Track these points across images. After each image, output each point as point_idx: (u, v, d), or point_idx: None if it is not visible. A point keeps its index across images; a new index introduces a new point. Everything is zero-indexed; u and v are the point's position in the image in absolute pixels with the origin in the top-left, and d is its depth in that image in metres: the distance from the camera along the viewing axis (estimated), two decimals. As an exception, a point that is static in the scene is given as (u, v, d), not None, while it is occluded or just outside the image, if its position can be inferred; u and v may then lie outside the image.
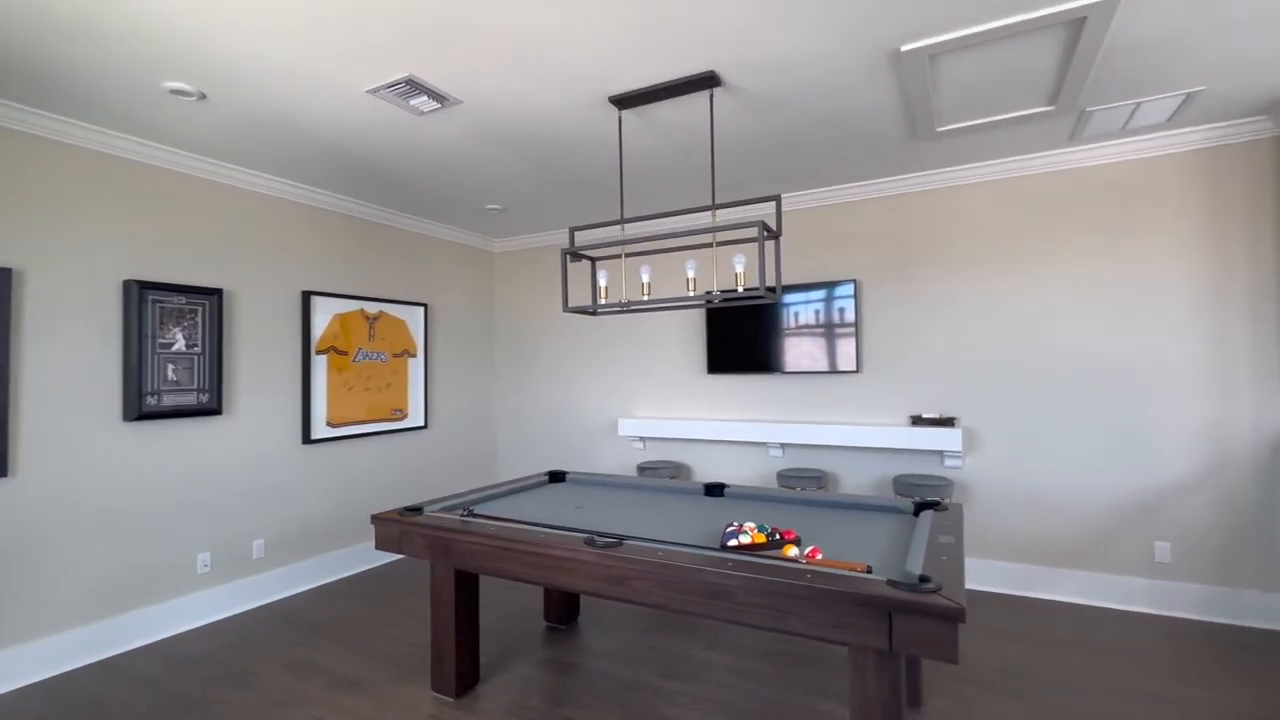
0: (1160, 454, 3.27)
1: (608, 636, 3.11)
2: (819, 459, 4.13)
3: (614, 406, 4.92)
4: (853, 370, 3.96)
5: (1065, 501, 3.48)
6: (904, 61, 2.38)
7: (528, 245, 5.33)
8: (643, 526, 2.45)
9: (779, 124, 2.99)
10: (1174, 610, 3.23)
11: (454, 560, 2.41)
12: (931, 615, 1.53)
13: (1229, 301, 3.16)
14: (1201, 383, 3.20)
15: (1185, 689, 2.52)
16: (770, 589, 1.75)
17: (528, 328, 5.37)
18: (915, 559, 1.85)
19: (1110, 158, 3.36)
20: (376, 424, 4.42)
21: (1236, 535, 3.13)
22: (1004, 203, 3.63)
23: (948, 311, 3.77)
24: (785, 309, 4.17)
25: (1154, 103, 2.82)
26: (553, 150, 3.29)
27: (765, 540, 2.09)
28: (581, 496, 3.04)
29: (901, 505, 2.63)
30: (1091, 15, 2.09)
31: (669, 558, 1.93)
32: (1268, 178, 3.09)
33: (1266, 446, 3.08)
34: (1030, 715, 2.36)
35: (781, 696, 2.52)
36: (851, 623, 1.64)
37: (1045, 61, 2.43)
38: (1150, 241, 3.30)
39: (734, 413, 4.43)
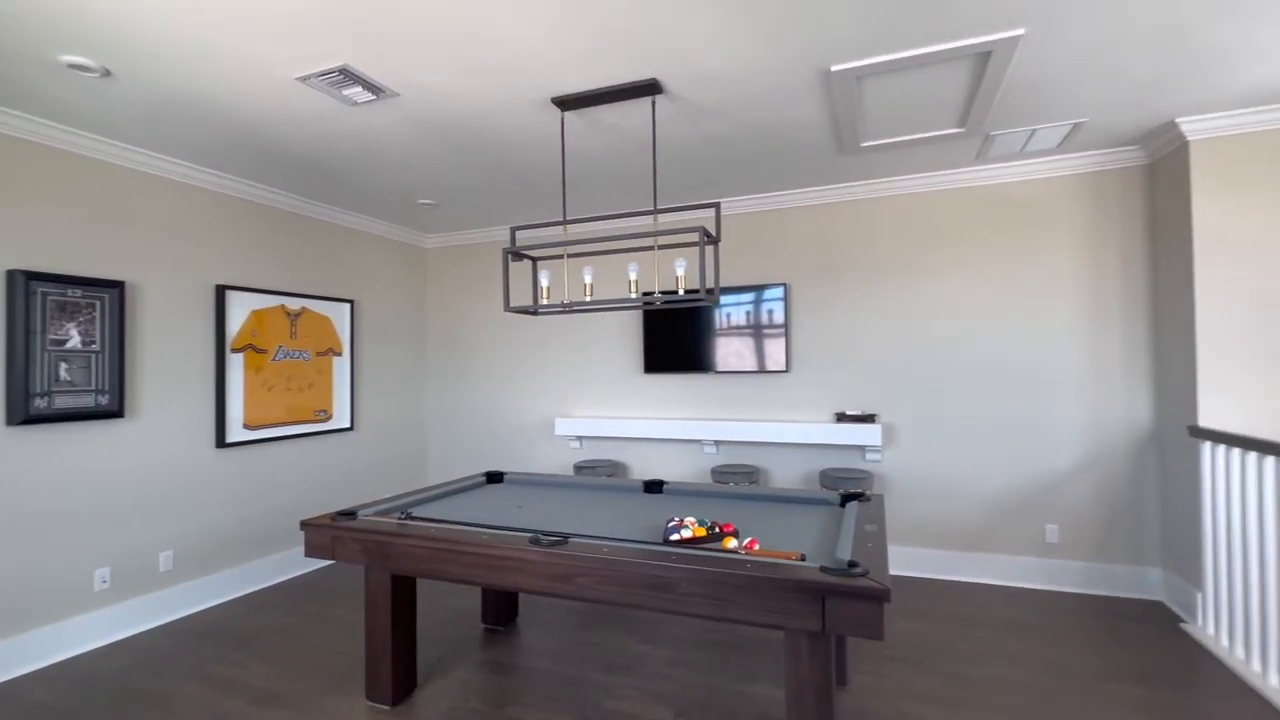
0: (1050, 446, 3.64)
1: (547, 635, 3.12)
2: (751, 455, 4.30)
3: (551, 406, 4.91)
4: (782, 370, 4.14)
5: (971, 491, 3.80)
6: (834, 81, 2.53)
7: (462, 242, 5.22)
8: (586, 524, 2.48)
9: (717, 133, 3.10)
10: (1062, 585, 3.60)
11: (392, 564, 2.35)
12: (861, 597, 1.65)
13: (1106, 311, 3.55)
14: (1084, 384, 3.58)
15: (1071, 654, 2.83)
16: (712, 579, 1.83)
17: (462, 326, 5.26)
18: (844, 546, 1.99)
19: (1011, 177, 3.70)
20: (298, 426, 4.20)
21: (1113, 517, 3.53)
22: (920, 215, 3.91)
23: (870, 315, 4.03)
24: (718, 311, 4.31)
25: (1047, 130, 3.13)
26: (493, 148, 3.26)
27: (706, 533, 2.18)
28: (521, 496, 3.03)
29: (829, 497, 2.79)
30: (996, 51, 2.31)
31: (614, 553, 1.98)
32: (1138, 201, 3.49)
33: (1136, 439, 3.49)
34: (943, 686, 2.57)
35: (716, 683, 2.62)
36: (788, 608, 1.75)
37: (957, 89, 2.66)
38: (1044, 255, 3.66)
39: (670, 411, 4.53)
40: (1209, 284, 3.03)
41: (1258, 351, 2.96)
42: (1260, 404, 2.95)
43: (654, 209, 2.57)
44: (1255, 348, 2.96)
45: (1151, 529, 3.46)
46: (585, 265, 2.72)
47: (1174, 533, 3.32)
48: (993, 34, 2.23)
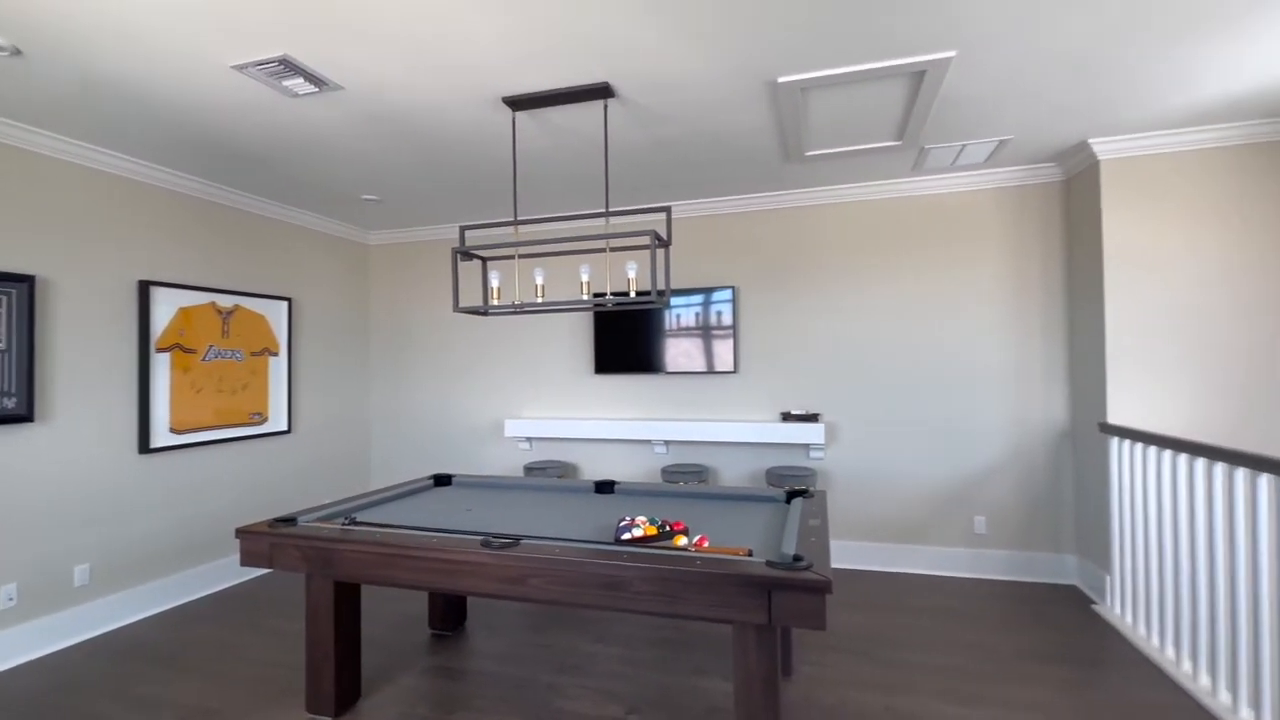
0: (978, 443, 3.86)
1: (497, 638, 3.09)
2: (700, 454, 4.37)
3: (500, 407, 4.86)
4: (730, 371, 4.24)
5: (907, 485, 3.99)
6: (780, 91, 2.62)
7: (408, 239, 5.09)
8: (537, 526, 2.47)
9: (669, 137, 3.14)
10: (988, 573, 3.83)
11: (335, 571, 2.28)
12: (805, 589, 1.72)
13: (1028, 317, 3.80)
14: (1008, 383, 3.82)
15: (997, 637, 3.02)
16: (664, 577, 1.87)
17: (408, 325, 5.13)
18: (789, 541, 2.07)
19: (943, 189, 3.91)
20: (231, 429, 4.01)
21: (1034, 508, 3.78)
22: (861, 222, 4.08)
23: (814, 317, 4.17)
24: (669, 313, 4.37)
25: (975, 145, 3.33)
26: (441, 145, 3.20)
27: (657, 532, 2.21)
28: (471, 499, 3.00)
29: (775, 494, 2.88)
30: (930, 70, 2.45)
31: (566, 554, 1.99)
32: (1056, 214, 3.76)
33: (1054, 435, 3.75)
34: (882, 673, 2.70)
35: (668, 679, 2.67)
36: (736, 602, 1.80)
37: (895, 104, 2.79)
38: (973, 263, 3.89)
39: (621, 412, 4.56)
40: (1117, 292, 3.29)
41: (1160, 355, 3.24)
42: (1162, 403, 3.23)
43: (606, 211, 2.60)
44: (1158, 351, 3.24)
45: (1067, 518, 3.73)
46: (536, 266, 2.71)
47: (1086, 522, 3.59)
48: (927, 54, 2.36)
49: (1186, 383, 3.20)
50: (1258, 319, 3.13)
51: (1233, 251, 3.16)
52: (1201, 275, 3.19)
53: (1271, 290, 3.11)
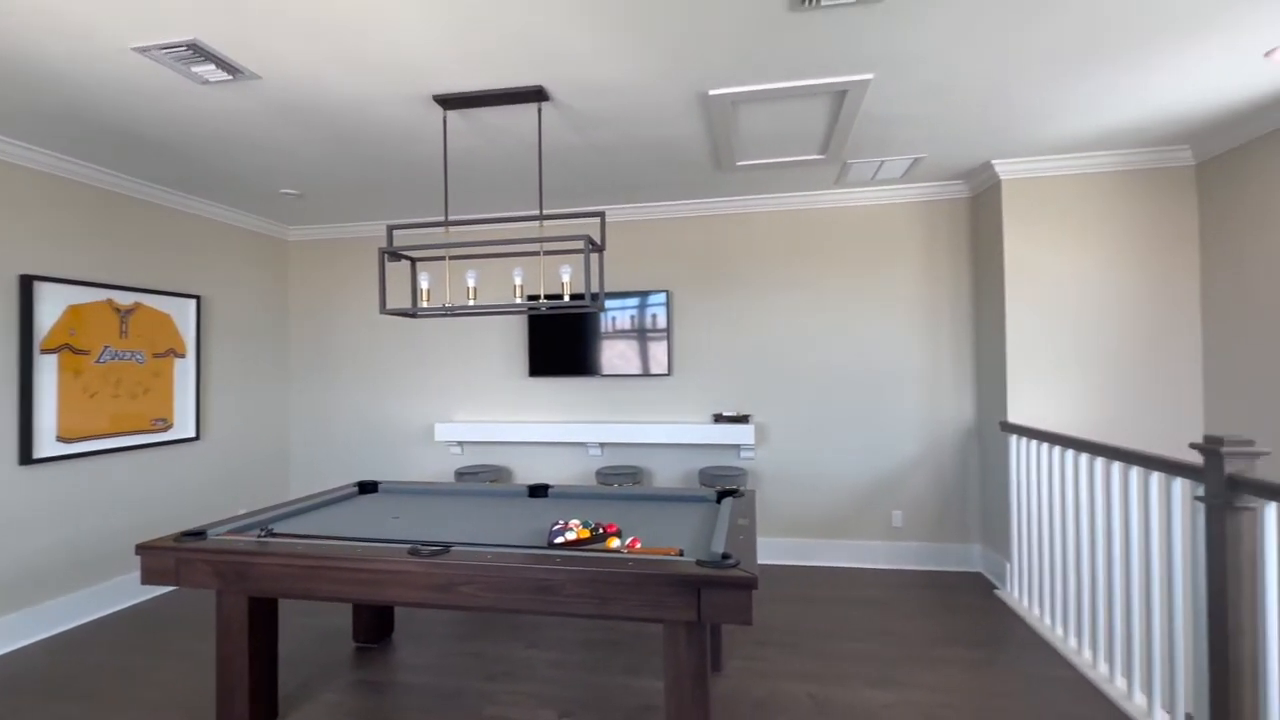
0: (896, 441, 4.10)
1: (425, 648, 3.01)
2: (635, 456, 4.42)
3: (430, 411, 4.73)
4: (665, 374, 4.31)
5: (832, 483, 4.18)
6: (711, 103, 2.69)
7: (331, 236, 4.87)
8: (468, 532, 2.44)
9: (603, 142, 3.17)
10: (904, 564, 4.07)
11: (250, 586, 2.16)
12: (732, 586, 1.79)
13: (939, 323, 4.07)
14: (922, 385, 4.08)
15: (910, 623, 3.21)
16: (596, 579, 1.89)
17: (331, 325, 4.91)
18: (719, 540, 2.13)
19: (864, 201, 4.12)
20: (130, 436, 3.71)
21: (944, 502, 4.05)
22: (789, 230, 4.24)
23: (745, 321, 4.30)
24: (604, 315, 4.39)
25: (893, 161, 3.54)
26: (367, 141, 3.10)
27: (590, 535, 2.23)
28: (398, 506, 2.91)
29: (706, 494, 2.96)
30: (850, 90, 2.59)
31: (498, 559, 1.97)
32: (964, 228, 4.04)
33: (962, 433, 4.04)
34: (808, 662, 2.82)
35: (600, 680, 2.68)
36: (667, 601, 1.84)
37: (818, 120, 2.93)
38: (891, 272, 4.12)
39: (555, 414, 4.54)
40: (1016, 301, 3.58)
41: (1054, 358, 3.54)
42: (1056, 402, 3.53)
43: (540, 214, 2.59)
44: (1052, 355, 3.55)
45: (974, 511, 4.01)
46: (469, 268, 2.67)
47: (990, 513, 3.88)
48: (847, 76, 2.49)
49: (1075, 385, 3.52)
50: (1134, 328, 3.48)
51: (1113, 267, 3.50)
52: (1087, 288, 3.52)
53: (1146, 303, 3.47)
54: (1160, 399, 3.45)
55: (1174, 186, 3.44)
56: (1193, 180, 3.43)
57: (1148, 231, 3.47)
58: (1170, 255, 3.45)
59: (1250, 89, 2.67)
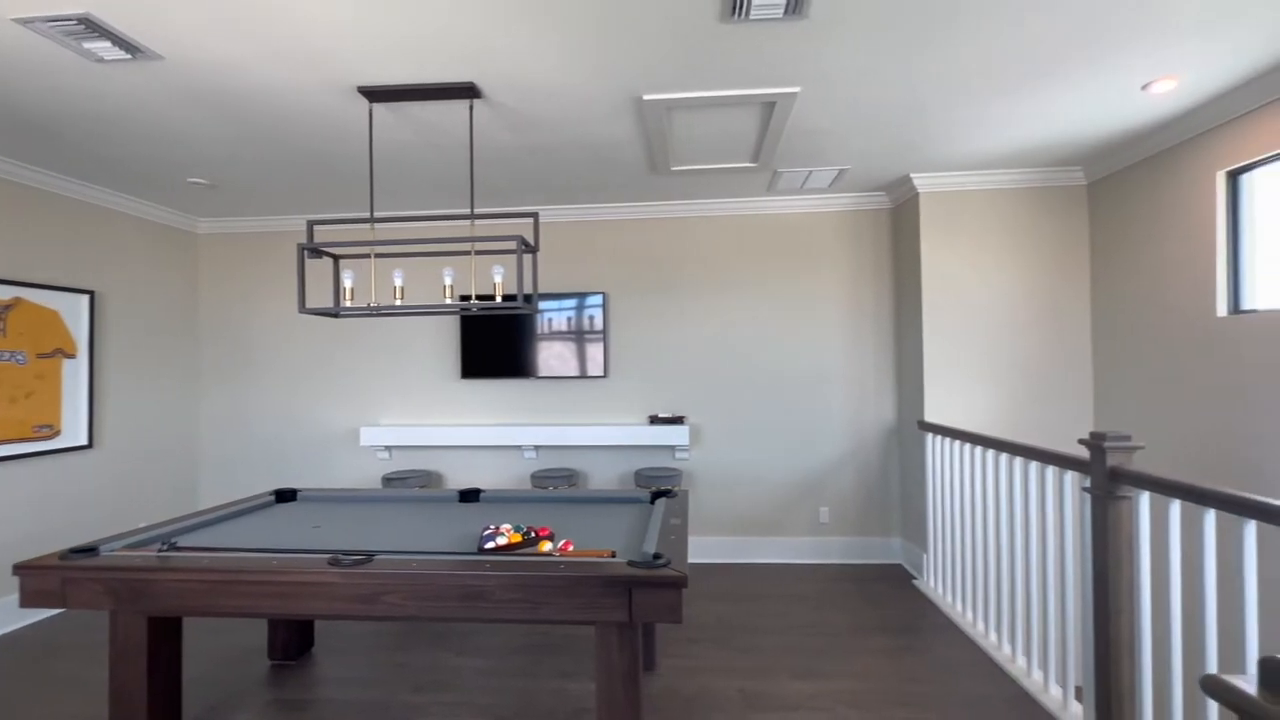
0: (822, 440, 4.26)
1: (349, 662, 2.88)
2: (570, 458, 4.39)
3: (356, 414, 4.53)
4: (601, 375, 4.31)
5: (763, 482, 4.30)
6: (645, 108, 2.72)
7: (247, 229, 4.59)
8: (394, 540, 2.35)
9: (538, 142, 3.14)
10: (830, 559, 4.24)
11: (150, 605, 2.01)
12: (662, 585, 1.81)
13: (862, 327, 4.27)
14: (847, 387, 4.26)
15: (835, 614, 3.35)
16: (526, 583, 1.87)
17: (247, 324, 4.62)
18: (651, 541, 2.15)
19: (794, 209, 4.27)
20: (9, 445, 3.37)
21: (868, 498, 4.24)
22: (724, 235, 4.34)
23: (681, 324, 4.36)
24: (539, 316, 4.34)
25: (820, 172, 3.68)
26: (286, 130, 2.94)
27: (521, 539, 2.20)
28: (318, 515, 2.77)
29: (641, 495, 2.98)
30: (779, 102, 2.68)
31: (425, 567, 1.91)
32: (885, 238, 4.26)
33: (884, 432, 4.25)
34: (738, 658, 2.89)
35: (532, 685, 2.65)
36: (599, 602, 1.84)
37: (750, 129, 3.02)
38: (818, 278, 4.29)
39: (489, 417, 4.45)
40: (932, 307, 3.80)
41: (965, 361, 3.78)
42: (968, 402, 3.77)
43: (471, 213, 2.54)
44: (964, 358, 3.78)
45: (894, 505, 4.23)
46: (396, 267, 2.58)
47: (909, 508, 4.09)
48: (775, 88, 2.58)
49: (984, 386, 3.78)
50: (1035, 333, 3.76)
51: (1017, 276, 3.77)
52: (995, 295, 3.78)
53: (1045, 310, 3.76)
54: (1057, 398, 3.74)
55: (1069, 204, 3.75)
56: (1084, 198, 3.75)
57: (1046, 244, 3.76)
58: (1065, 266, 3.75)
59: (1132, 117, 2.95)
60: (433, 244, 2.80)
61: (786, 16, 2.04)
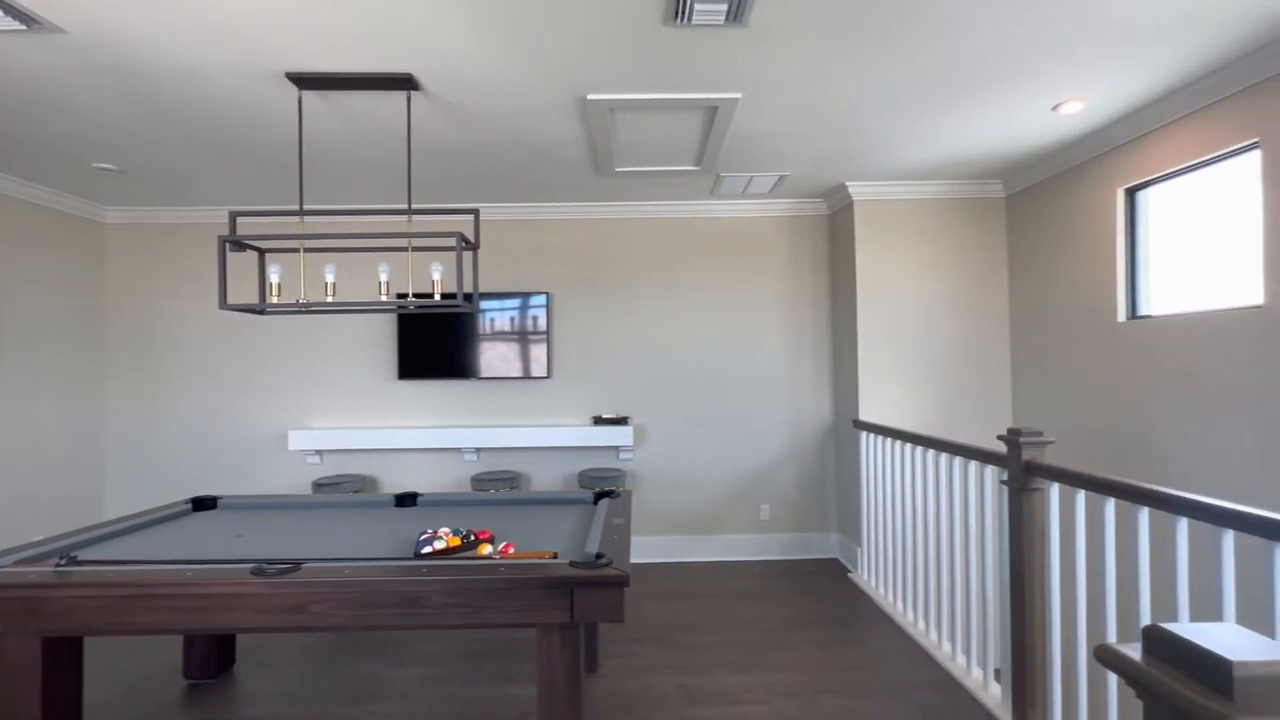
0: (764, 439, 4.37)
1: (275, 677, 2.73)
2: (512, 460, 4.32)
3: (284, 417, 4.31)
4: (544, 376, 4.26)
5: (705, 481, 4.36)
6: (589, 107, 2.71)
7: (160, 220, 4.29)
8: (324, 547, 2.25)
9: (480, 138, 3.08)
10: (771, 555, 4.34)
11: (45, 625, 1.84)
12: (604, 585, 1.80)
13: (801, 329, 4.40)
14: (788, 387, 4.38)
15: (773, 609, 3.43)
16: (466, 587, 1.82)
17: (161, 321, 4.32)
18: (593, 541, 2.14)
19: (736, 212, 4.36)
20: (-121, 454, 3.02)
21: (806, 494, 4.37)
22: (667, 237, 4.38)
23: (625, 324, 4.37)
24: (481, 316, 4.26)
25: (761, 177, 3.78)
26: (207, 115, 2.77)
27: (460, 543, 2.15)
28: (241, 524, 2.62)
29: (584, 496, 2.96)
30: (721, 107, 2.73)
31: (357, 574, 1.84)
32: (823, 243, 4.41)
33: (821, 431, 4.39)
34: (679, 655, 2.91)
35: (473, 692, 2.59)
36: (540, 604, 1.82)
37: (693, 133, 3.06)
38: (760, 281, 4.39)
39: (427, 419, 4.33)
40: (867, 310, 3.96)
41: (897, 362, 3.96)
42: (899, 401, 3.95)
43: (409, 209, 2.46)
44: (896, 359, 3.96)
45: (831, 501, 4.38)
46: (327, 262, 2.48)
47: (845, 503, 4.25)
48: (717, 93, 2.63)
49: (915, 385, 3.96)
50: (960, 335, 3.98)
51: (945, 282, 3.98)
52: (924, 300, 3.97)
53: (968, 314, 3.98)
54: (980, 397, 3.97)
55: (989, 214, 3.99)
56: (1003, 210, 4.00)
57: (970, 252, 3.99)
58: (987, 273, 3.99)
59: (1044, 135, 3.17)
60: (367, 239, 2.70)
61: (728, 23, 2.08)
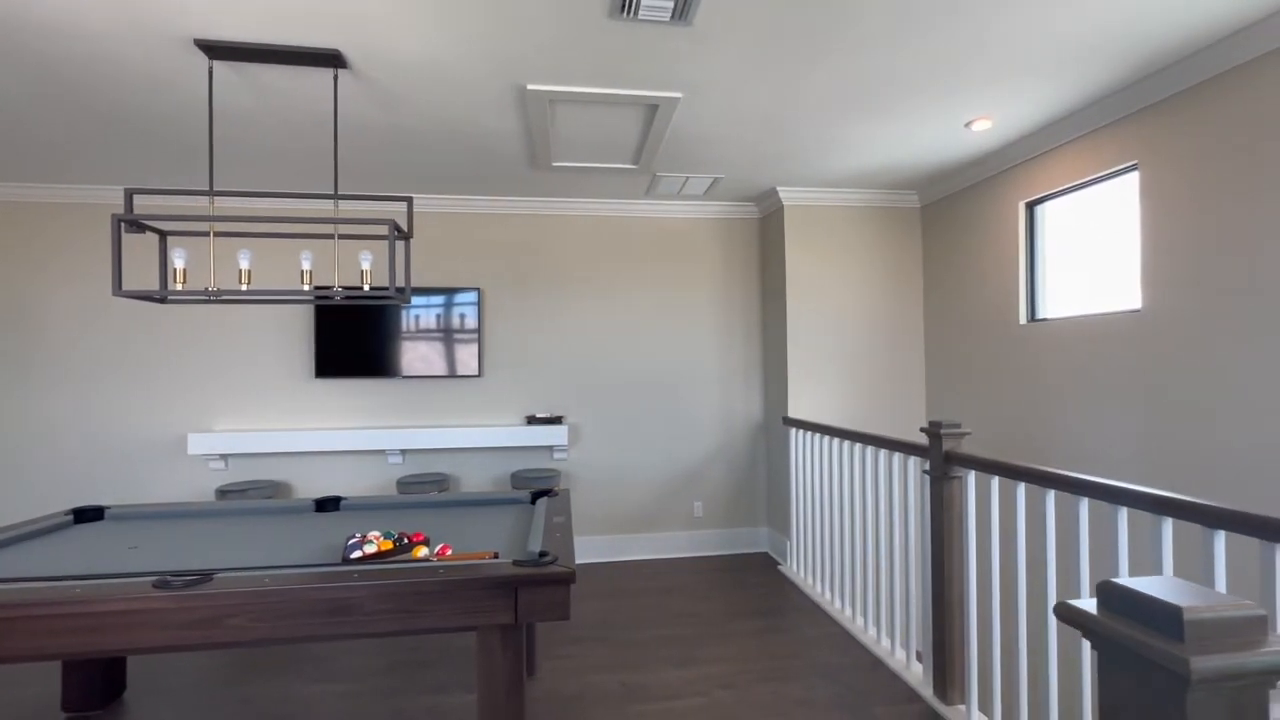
0: (696, 437, 4.43)
1: (174, 703, 2.49)
2: (441, 462, 4.16)
3: (182, 419, 3.94)
4: (474, 375, 4.13)
5: (640, 480, 4.37)
6: (529, 98, 2.66)
7: (39, 198, 3.83)
8: (235, 557, 2.07)
9: (412, 125, 2.95)
10: (704, 551, 4.41)
11: (-110, 658, 1.58)
12: (550, 583, 1.76)
13: (732, 328, 4.51)
14: (719, 385, 4.47)
15: (707, 603, 3.48)
16: (401, 592, 1.73)
17: (36, 310, 3.84)
18: (535, 539, 2.09)
19: (671, 213, 4.41)
20: None
21: (737, 490, 4.47)
22: (602, 235, 4.36)
23: (559, 322, 4.31)
24: (406, 312, 4.08)
25: (697, 179, 3.84)
26: (93, 81, 2.49)
27: (393, 546, 2.04)
28: (134, 534, 2.36)
29: (520, 496, 2.89)
30: (662, 106, 2.75)
31: (280, 582, 1.70)
32: (753, 246, 4.54)
33: (751, 428, 4.51)
34: (618, 653, 2.89)
35: (404, 703, 2.46)
36: (482, 606, 1.75)
37: (632, 130, 3.07)
38: (692, 281, 4.46)
39: (347, 420, 4.09)
40: (796, 311, 4.11)
41: (824, 360, 4.13)
42: (825, 398, 4.11)
43: (335, 194, 2.32)
44: (822, 357, 4.13)
45: (761, 496, 4.50)
46: (242, 248, 2.29)
47: (774, 498, 4.38)
48: (659, 91, 2.65)
49: (840, 383, 4.15)
50: (880, 336, 4.20)
51: (866, 285, 4.20)
52: (847, 301, 4.17)
53: (887, 316, 4.22)
54: (898, 393, 4.21)
55: (906, 223, 4.25)
56: (918, 219, 4.26)
57: (889, 258, 4.23)
58: (904, 278, 4.24)
59: (958, 150, 3.41)
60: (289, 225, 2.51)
61: (673, 21, 2.10)
